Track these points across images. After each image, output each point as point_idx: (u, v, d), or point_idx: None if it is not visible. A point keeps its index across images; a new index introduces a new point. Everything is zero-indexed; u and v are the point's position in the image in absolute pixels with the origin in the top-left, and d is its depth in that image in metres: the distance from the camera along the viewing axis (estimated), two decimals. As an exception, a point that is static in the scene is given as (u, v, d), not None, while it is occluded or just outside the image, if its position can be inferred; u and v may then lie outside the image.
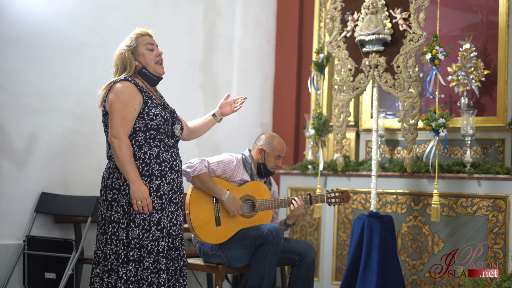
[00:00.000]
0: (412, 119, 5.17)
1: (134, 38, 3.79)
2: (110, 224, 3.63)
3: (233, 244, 4.46)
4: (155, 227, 3.62)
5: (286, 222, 4.72)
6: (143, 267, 3.58)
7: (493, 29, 5.86)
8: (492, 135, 5.71)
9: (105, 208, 3.65)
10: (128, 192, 3.60)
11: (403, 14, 5.24)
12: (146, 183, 3.62)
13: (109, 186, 3.65)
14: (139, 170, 3.62)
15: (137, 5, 6.04)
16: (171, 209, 3.71)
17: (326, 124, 5.84)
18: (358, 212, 5.97)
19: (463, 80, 5.83)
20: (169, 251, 3.69)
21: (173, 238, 3.71)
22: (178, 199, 3.77)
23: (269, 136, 4.79)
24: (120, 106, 3.60)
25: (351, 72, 5.45)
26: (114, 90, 3.64)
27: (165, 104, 3.85)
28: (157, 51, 3.81)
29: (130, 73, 3.74)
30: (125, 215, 3.61)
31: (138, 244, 3.59)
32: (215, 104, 6.82)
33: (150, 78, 3.79)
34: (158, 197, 3.65)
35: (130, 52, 3.75)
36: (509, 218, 5.26)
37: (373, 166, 5.39)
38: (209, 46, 6.83)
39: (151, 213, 3.61)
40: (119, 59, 3.77)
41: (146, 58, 3.77)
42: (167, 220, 3.68)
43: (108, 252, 3.62)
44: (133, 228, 3.59)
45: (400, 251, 5.73)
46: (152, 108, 3.68)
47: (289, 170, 6.51)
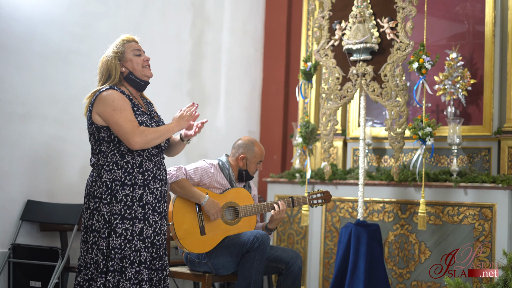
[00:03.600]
0: (399, 128, 5.19)
1: (121, 44, 3.77)
2: (91, 233, 3.61)
3: (220, 252, 4.45)
4: (138, 237, 3.60)
5: (268, 226, 4.73)
6: (125, 278, 3.56)
7: (479, 38, 5.89)
8: (478, 144, 5.73)
9: (87, 217, 3.64)
10: (109, 201, 3.58)
11: (390, 23, 5.26)
12: (129, 192, 3.61)
13: (92, 195, 3.63)
14: (122, 179, 3.61)
15: (125, 13, 6.03)
16: (155, 218, 3.68)
17: (314, 132, 5.84)
18: (345, 220, 5.97)
19: (449, 89, 5.87)
20: (153, 261, 3.68)
21: (157, 248, 3.69)
22: (162, 208, 3.75)
23: (248, 143, 4.79)
24: (120, 113, 3.59)
25: (338, 80, 5.46)
26: (104, 100, 3.62)
27: (152, 113, 3.84)
28: (144, 57, 3.81)
29: (114, 80, 3.73)
30: (106, 225, 3.58)
31: (120, 254, 3.56)
32: (203, 112, 6.83)
33: (137, 83, 3.78)
34: (140, 206, 3.63)
35: (117, 58, 3.74)
36: (495, 226, 5.28)
37: (360, 175, 5.40)
38: (197, 54, 6.83)
39: (133, 223, 3.59)
40: (104, 66, 3.75)
41: (133, 64, 3.76)
42: (150, 230, 3.66)
43: (89, 261, 3.60)
44: (114, 238, 3.56)
45: (387, 260, 5.74)
46: (137, 117, 3.67)
47: (277, 179, 6.51)
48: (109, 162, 3.63)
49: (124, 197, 3.60)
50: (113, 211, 3.58)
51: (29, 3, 5.26)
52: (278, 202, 4.67)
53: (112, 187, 3.60)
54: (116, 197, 3.59)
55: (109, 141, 3.64)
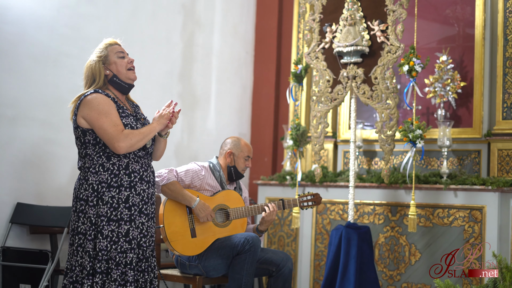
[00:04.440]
0: (390, 130, 5.20)
1: (104, 48, 3.78)
2: (77, 235, 3.61)
3: (210, 254, 4.44)
4: (124, 238, 3.60)
5: (259, 228, 4.73)
6: (110, 279, 3.56)
7: (469, 41, 5.92)
8: (468, 147, 5.75)
9: (74, 220, 3.65)
10: (96, 204, 3.58)
11: (381, 26, 5.27)
12: (115, 194, 3.61)
13: (78, 197, 3.64)
14: (108, 181, 3.61)
15: (115, 15, 6.02)
16: (141, 220, 3.69)
17: (304, 135, 5.85)
18: (336, 222, 5.98)
19: (440, 92, 5.89)
20: (139, 262, 3.67)
21: (143, 250, 3.69)
22: (149, 210, 3.75)
23: (235, 139, 4.82)
24: (105, 117, 3.60)
25: (329, 83, 5.46)
26: (89, 104, 3.63)
27: (138, 114, 3.84)
28: (128, 59, 3.81)
29: (99, 84, 3.73)
30: (92, 227, 3.58)
31: (106, 256, 3.57)
32: (194, 115, 6.82)
33: (122, 86, 3.78)
34: (126, 208, 3.63)
35: (100, 62, 3.74)
36: (485, 228, 5.30)
37: (350, 177, 5.40)
38: (188, 56, 6.82)
39: (119, 224, 3.59)
40: (88, 71, 3.76)
41: (118, 66, 3.76)
42: (136, 232, 3.66)
43: (74, 264, 3.60)
44: (100, 240, 3.56)
45: (377, 262, 5.75)
46: (123, 119, 3.68)
47: (267, 181, 6.51)
48: (95, 165, 3.63)
49: (110, 199, 3.60)
50: (99, 213, 3.58)
51: (19, 5, 5.24)
52: (268, 204, 4.67)
53: (98, 189, 3.60)
54: (102, 199, 3.59)
55: (94, 144, 3.64)
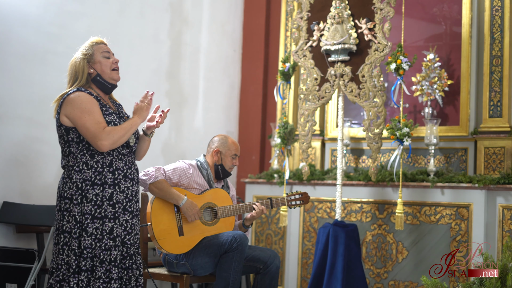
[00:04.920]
0: (377, 128, 5.21)
1: (90, 46, 3.78)
2: (62, 234, 3.61)
3: (198, 252, 4.44)
4: (108, 236, 3.61)
5: (244, 223, 4.74)
6: (95, 276, 3.56)
7: (456, 39, 5.94)
8: (455, 144, 5.77)
9: (58, 219, 3.64)
10: (80, 202, 3.58)
11: (368, 24, 5.28)
12: (99, 191, 3.61)
13: (63, 196, 3.63)
14: (92, 179, 3.61)
15: (102, 13, 6.00)
16: (125, 217, 3.69)
17: (292, 133, 5.85)
18: (323, 220, 5.99)
19: (427, 90, 5.91)
20: (123, 260, 3.68)
21: (127, 247, 3.69)
22: (134, 208, 3.75)
23: (222, 137, 4.81)
24: (88, 115, 3.59)
25: (316, 81, 5.47)
26: (71, 102, 3.62)
27: (121, 113, 3.84)
28: (113, 59, 3.81)
29: (81, 82, 3.72)
30: (77, 225, 3.58)
31: (91, 253, 3.57)
32: (181, 113, 6.81)
33: (105, 86, 3.78)
34: (111, 205, 3.63)
35: (85, 60, 3.74)
36: (471, 226, 5.32)
37: (338, 175, 5.41)
38: (175, 54, 6.81)
39: (103, 222, 3.59)
40: (72, 69, 3.76)
41: (102, 66, 3.76)
42: (121, 229, 3.66)
43: (60, 263, 3.60)
44: (85, 238, 3.57)
45: (364, 260, 5.76)
46: (106, 116, 3.67)
47: (255, 179, 6.51)
48: (79, 163, 3.63)
49: (94, 197, 3.60)
50: (84, 211, 3.58)
51: (5, 3, 5.21)
52: (257, 203, 4.68)
53: (82, 187, 3.60)
54: (86, 197, 3.59)
55: (78, 142, 3.64)
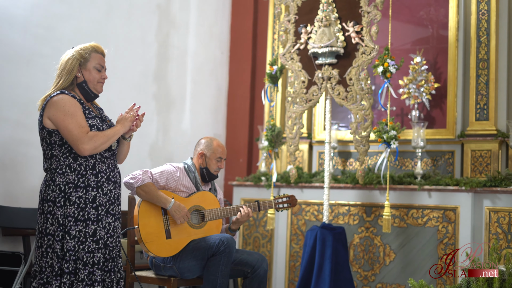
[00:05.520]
0: (364, 131, 5.22)
1: (89, 51, 3.75)
2: (45, 236, 3.60)
3: (185, 256, 4.42)
4: (91, 238, 3.61)
5: (231, 227, 4.73)
6: (78, 279, 3.56)
7: (443, 43, 5.96)
8: (442, 147, 5.79)
9: (41, 221, 3.63)
10: (63, 204, 3.57)
11: (355, 28, 5.29)
12: (82, 194, 3.60)
13: (45, 199, 3.63)
14: (75, 182, 3.61)
15: (89, 15, 5.97)
16: (108, 220, 3.69)
17: (280, 135, 5.85)
18: (311, 223, 5.99)
19: (414, 93, 5.92)
20: (106, 262, 3.67)
21: (110, 250, 3.70)
22: (116, 211, 3.76)
23: (208, 140, 4.78)
24: (71, 118, 3.59)
25: (304, 84, 5.47)
26: (55, 105, 3.61)
27: (103, 116, 3.84)
28: (103, 75, 3.81)
29: (66, 82, 3.70)
30: (60, 227, 3.58)
31: (74, 256, 3.57)
32: (169, 115, 6.79)
33: (88, 94, 3.77)
34: (94, 208, 3.63)
35: (78, 62, 3.72)
36: (458, 229, 5.34)
37: (325, 178, 5.42)
38: (163, 56, 6.79)
39: (86, 224, 3.59)
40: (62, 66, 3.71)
41: (91, 76, 3.75)
42: (103, 231, 3.66)
43: (44, 265, 3.59)
44: (68, 240, 3.56)
45: (352, 262, 5.77)
46: (89, 120, 3.67)
47: (243, 182, 6.50)
48: (62, 166, 3.62)
49: (77, 199, 3.60)
50: (67, 214, 3.57)
51: (-9, 4, 5.19)
52: (244, 206, 4.67)
53: (65, 190, 3.59)
54: (69, 199, 3.59)
55: (60, 145, 3.63)
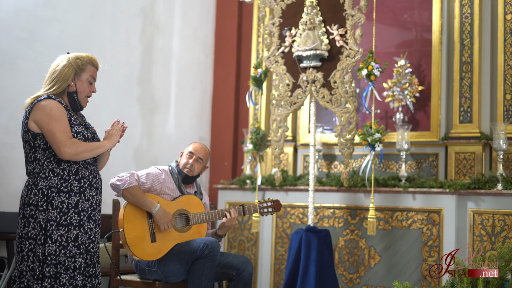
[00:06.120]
0: (349, 134, 5.23)
1: (86, 62, 3.76)
2: (26, 240, 3.59)
3: (170, 259, 4.41)
4: (73, 243, 3.61)
5: (217, 232, 4.72)
6: (59, 283, 3.55)
7: (427, 46, 5.99)
8: (426, 150, 5.82)
9: (22, 226, 3.62)
10: (45, 208, 3.57)
11: (340, 31, 5.31)
12: (65, 199, 3.60)
13: (27, 203, 3.61)
14: (58, 186, 3.60)
15: (73, 18, 5.95)
16: (89, 226, 3.70)
17: (264, 138, 5.85)
18: (296, 226, 5.99)
19: (398, 96, 5.95)
20: (87, 267, 3.68)
21: (91, 255, 3.71)
22: (97, 217, 3.77)
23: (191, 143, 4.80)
24: (56, 122, 3.58)
25: (288, 87, 5.48)
26: (41, 109, 3.60)
27: (87, 124, 3.84)
28: (93, 88, 3.82)
29: (58, 90, 3.69)
30: (42, 231, 3.57)
31: (55, 260, 3.56)
32: (153, 119, 6.78)
33: (76, 105, 3.77)
34: (76, 213, 3.64)
35: (74, 72, 3.71)
36: (443, 231, 5.36)
37: (310, 181, 5.43)
38: (147, 60, 6.78)
39: (69, 229, 3.59)
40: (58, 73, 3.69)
41: (83, 87, 3.76)
42: (85, 237, 3.67)
43: (24, 269, 3.58)
44: (49, 244, 3.56)
45: (337, 265, 5.78)
46: (74, 126, 3.67)
47: (227, 185, 6.50)
48: (45, 170, 3.61)
49: (60, 204, 3.60)
50: (49, 218, 3.57)
51: (-26, 7, 5.16)
52: (229, 210, 4.66)
53: (48, 194, 3.59)
54: (52, 203, 3.58)
55: (44, 149, 3.63)
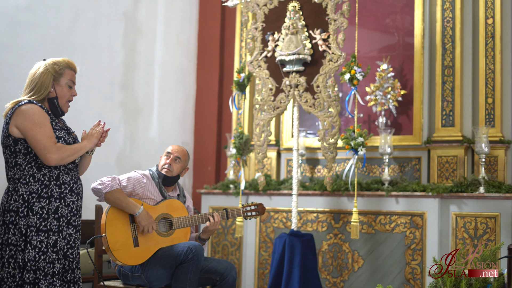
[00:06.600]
0: (332, 138, 5.24)
1: (63, 67, 3.73)
2: (7, 247, 3.57)
3: (153, 264, 4.39)
4: (52, 249, 3.60)
5: (201, 236, 4.71)
6: None
7: (409, 50, 6.02)
8: (409, 154, 5.84)
9: (3, 232, 3.60)
10: (26, 214, 3.55)
11: (322, 35, 5.32)
12: (45, 204, 3.59)
13: (7, 209, 3.59)
14: (38, 192, 3.59)
15: (54, 23, 5.92)
16: (69, 231, 3.69)
17: (248, 143, 5.85)
18: (280, 230, 5.99)
19: (381, 100, 5.97)
20: (65, 273, 3.67)
21: (69, 261, 3.69)
22: (77, 222, 3.75)
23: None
24: (39, 128, 3.56)
25: (272, 91, 5.48)
26: (23, 114, 3.58)
27: (69, 129, 3.82)
28: (74, 91, 3.79)
29: (41, 97, 3.67)
30: (22, 237, 3.55)
31: (34, 266, 3.55)
32: (136, 124, 6.75)
33: (57, 110, 3.75)
34: (56, 219, 3.62)
35: (53, 77, 3.69)
36: (425, 234, 5.38)
37: (294, 185, 5.43)
38: (130, 64, 6.75)
39: (48, 235, 3.57)
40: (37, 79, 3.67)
41: (63, 92, 3.73)
42: (64, 242, 3.66)
43: (5, 276, 3.56)
44: (29, 250, 3.54)
45: (321, 269, 5.78)
46: (56, 131, 3.65)
47: (211, 190, 6.49)
48: (25, 175, 3.59)
49: (40, 210, 3.58)
50: (29, 224, 3.56)
51: (-45, 12, 5.12)
52: (213, 214, 4.65)
53: (28, 200, 3.57)
54: (32, 209, 3.57)
55: (25, 154, 3.61)
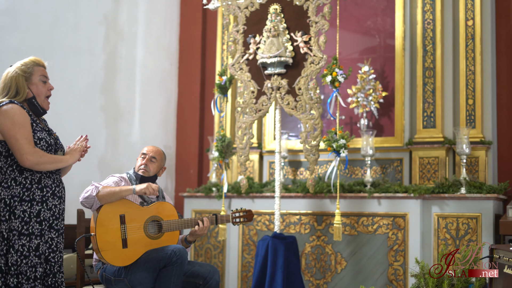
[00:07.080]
0: (314, 140, 5.25)
1: (31, 65, 3.71)
2: None
3: (137, 268, 4.37)
4: (34, 253, 3.58)
5: (187, 238, 4.70)
6: None
7: (390, 52, 6.05)
8: (391, 155, 5.86)
9: None
10: (8, 218, 3.53)
11: (304, 37, 5.32)
12: (27, 208, 3.57)
13: None
14: (20, 195, 3.57)
15: (35, 26, 5.88)
16: (51, 235, 3.67)
17: (230, 146, 5.84)
18: (262, 233, 5.99)
19: (362, 102, 5.99)
20: (46, 277, 3.65)
21: (51, 265, 3.67)
22: (60, 226, 3.74)
23: None
24: (19, 128, 3.55)
25: (253, 94, 5.48)
26: (4, 114, 3.56)
27: (50, 130, 3.80)
28: (49, 85, 3.77)
29: (21, 99, 3.65)
30: (4, 242, 3.54)
31: (17, 270, 3.53)
32: (117, 128, 6.72)
33: (37, 109, 3.73)
34: (38, 222, 3.60)
35: (24, 78, 3.66)
36: (408, 235, 5.40)
37: (276, 188, 5.42)
38: (111, 68, 6.72)
39: (30, 239, 3.56)
40: (12, 81, 3.66)
41: (38, 89, 3.71)
42: (45, 246, 3.64)
43: None
44: (12, 254, 3.53)
45: (304, 271, 5.78)
46: (37, 132, 3.64)
47: (193, 193, 6.47)
48: (7, 179, 3.58)
49: (22, 213, 3.56)
50: (11, 228, 3.54)
51: None
52: (202, 219, 4.64)
53: (10, 204, 3.55)
54: (14, 213, 3.55)
55: (6, 156, 3.59)
